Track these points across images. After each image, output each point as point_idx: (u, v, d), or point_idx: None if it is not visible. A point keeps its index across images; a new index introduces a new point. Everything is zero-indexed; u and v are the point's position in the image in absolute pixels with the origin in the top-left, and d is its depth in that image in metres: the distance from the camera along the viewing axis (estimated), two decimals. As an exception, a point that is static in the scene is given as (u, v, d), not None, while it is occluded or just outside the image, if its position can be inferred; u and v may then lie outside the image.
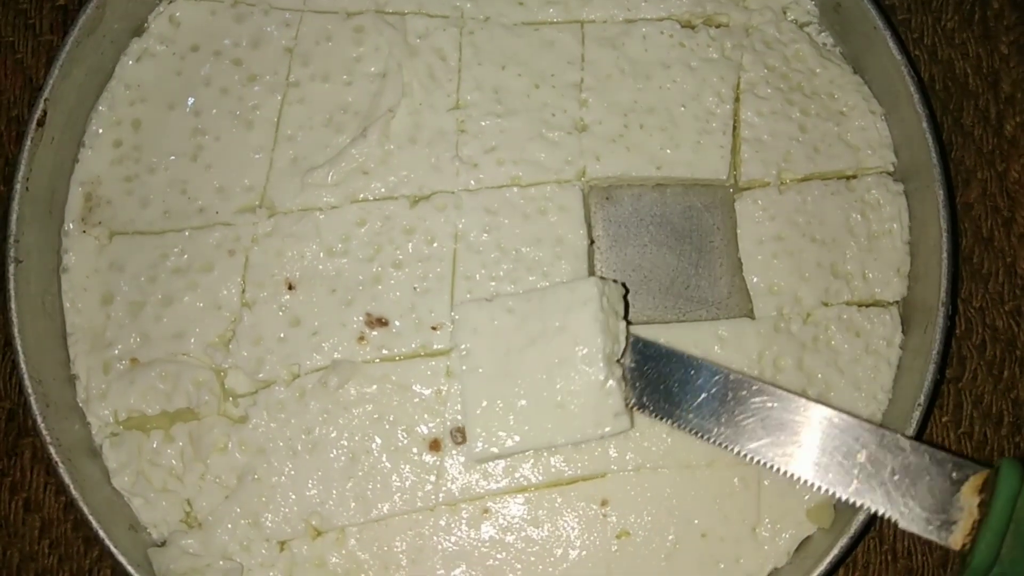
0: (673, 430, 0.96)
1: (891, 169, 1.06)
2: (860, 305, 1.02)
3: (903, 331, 1.01)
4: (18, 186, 0.97)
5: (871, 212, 1.04)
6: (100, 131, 1.06)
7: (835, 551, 0.92)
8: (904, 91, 1.02)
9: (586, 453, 0.97)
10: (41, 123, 0.98)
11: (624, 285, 1.01)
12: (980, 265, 1.12)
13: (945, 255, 0.98)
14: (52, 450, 0.93)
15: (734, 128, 1.06)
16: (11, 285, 0.96)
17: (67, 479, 0.93)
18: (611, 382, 0.93)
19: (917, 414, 0.94)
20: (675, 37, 1.07)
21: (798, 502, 0.97)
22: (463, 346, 0.95)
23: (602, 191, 1.08)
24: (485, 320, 0.95)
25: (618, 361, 0.95)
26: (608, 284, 0.97)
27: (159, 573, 0.93)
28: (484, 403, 0.94)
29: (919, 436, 0.96)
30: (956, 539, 0.86)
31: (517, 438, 0.93)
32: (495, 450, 0.94)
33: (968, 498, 0.86)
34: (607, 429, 0.93)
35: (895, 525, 1.04)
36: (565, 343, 0.94)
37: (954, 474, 0.87)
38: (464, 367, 0.95)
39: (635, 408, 0.95)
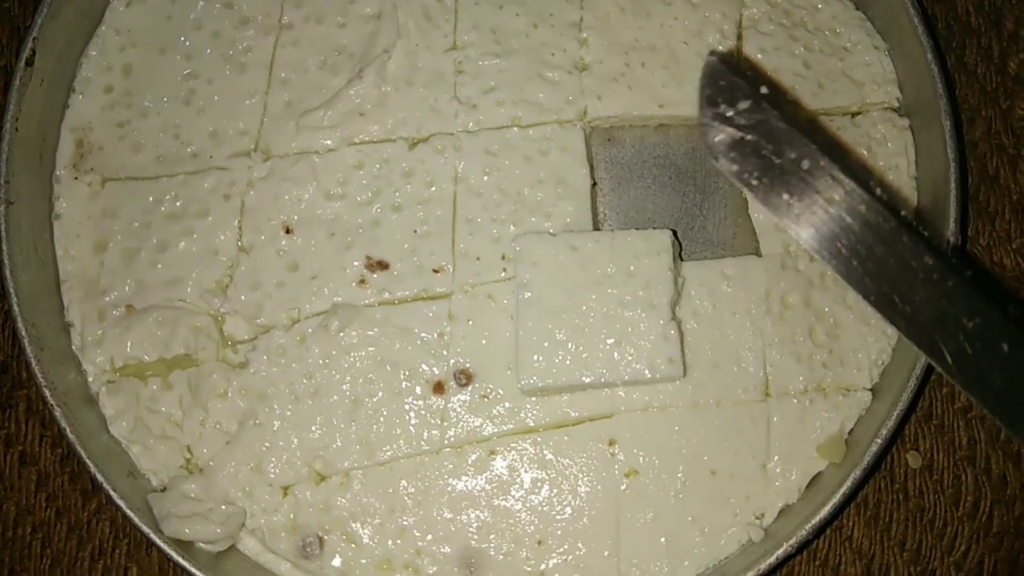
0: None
1: (896, 104, 1.05)
2: (867, 240, 1.01)
3: (911, 266, 1.00)
4: (7, 126, 0.95)
5: (877, 147, 1.03)
6: (90, 76, 1.04)
7: (847, 485, 0.91)
8: (908, 24, 1.01)
9: (593, 393, 0.96)
10: (30, 63, 0.96)
11: (676, 234, 0.99)
12: (986, 203, 1.10)
13: (953, 188, 0.96)
14: (48, 394, 0.91)
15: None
16: (2, 227, 0.94)
17: (64, 424, 0.91)
18: (672, 330, 0.93)
19: (928, 345, 0.93)
20: None
21: (808, 438, 0.96)
22: (524, 277, 0.94)
23: (604, 132, 1.07)
24: (547, 254, 0.95)
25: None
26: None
27: (159, 517, 0.91)
28: (537, 335, 0.93)
29: (930, 369, 0.95)
30: None
31: (567, 372, 0.92)
32: (546, 382, 0.92)
33: None
34: (660, 374, 0.93)
35: (906, 464, 1.04)
36: (632, 287, 0.94)
37: None
38: (522, 297, 0.94)
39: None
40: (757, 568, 0.90)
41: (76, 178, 1.01)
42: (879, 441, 0.92)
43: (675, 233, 0.98)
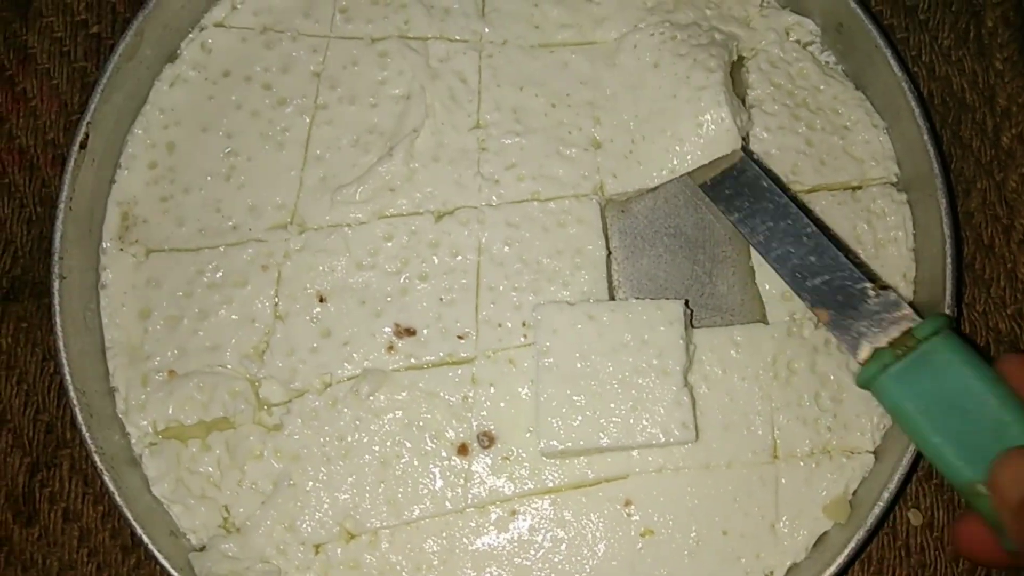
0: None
1: (894, 180, 1.11)
2: (869, 310, 1.06)
3: (910, 334, 1.05)
4: (62, 206, 1.01)
5: (877, 221, 1.09)
6: (136, 153, 1.10)
7: (852, 544, 0.96)
8: (905, 106, 1.07)
9: (609, 455, 1.01)
10: (83, 146, 1.03)
11: (687, 303, 1.05)
12: (982, 271, 1.16)
13: (949, 260, 1.02)
14: (97, 459, 0.96)
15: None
16: (56, 301, 1.00)
17: (112, 487, 0.96)
18: (685, 396, 0.98)
19: (927, 412, 0.98)
20: (666, 33, 1.09)
21: (815, 499, 1.01)
22: (544, 344, 0.99)
23: (618, 204, 1.13)
24: (566, 323, 1.00)
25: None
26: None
27: (200, 576, 0.96)
28: (556, 400, 0.98)
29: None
30: (863, 353, 0.92)
31: (585, 436, 0.97)
32: (565, 445, 0.97)
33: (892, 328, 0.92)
34: (673, 438, 0.97)
35: (907, 522, 1.09)
36: (646, 355, 0.99)
37: (895, 314, 0.93)
38: (542, 364, 0.99)
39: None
40: (767, 624, 0.94)
41: (122, 249, 1.07)
42: (881, 504, 0.96)
43: (686, 302, 1.04)
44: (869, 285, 0.95)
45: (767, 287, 1.07)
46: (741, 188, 1.03)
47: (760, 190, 1.02)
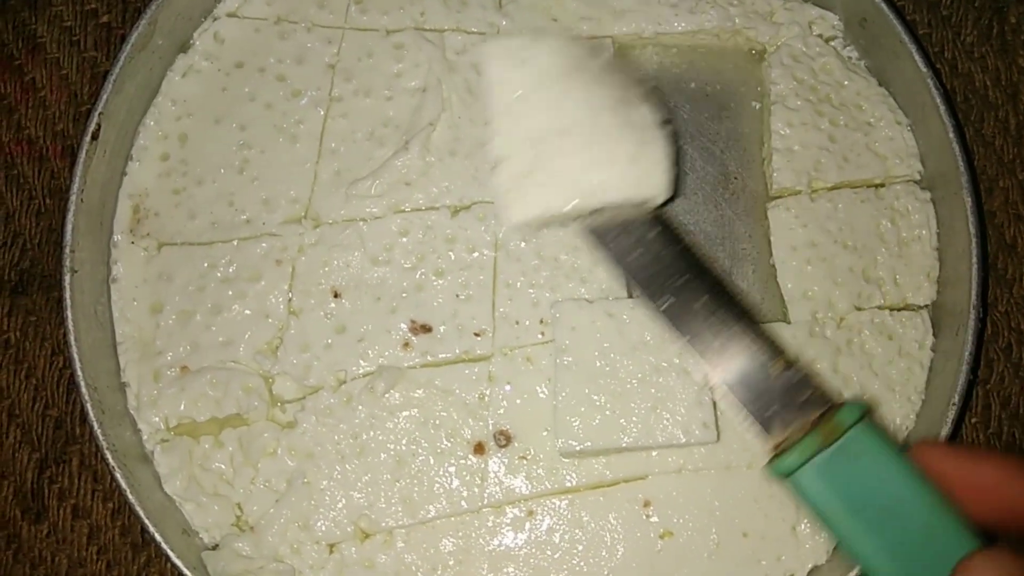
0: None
1: (918, 177, 1.09)
2: (892, 309, 1.05)
3: (934, 334, 1.04)
4: (73, 197, 1.00)
5: (900, 219, 1.07)
6: (147, 145, 1.08)
7: (875, 548, 0.94)
8: (930, 102, 1.05)
9: (628, 455, 0.99)
10: (95, 137, 1.01)
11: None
12: (1004, 270, 1.14)
13: (975, 259, 1.00)
14: (109, 455, 0.95)
15: (766, 138, 1.09)
16: (67, 295, 0.98)
17: (123, 484, 0.94)
18: (706, 396, 0.96)
19: (952, 413, 0.97)
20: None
21: (836, 501, 0.99)
22: (563, 342, 0.98)
23: (637, 200, 1.11)
24: (585, 320, 0.98)
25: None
26: None
27: (213, 575, 0.94)
28: (575, 399, 0.96)
29: (954, 433, 0.98)
30: (776, 437, 0.80)
31: (604, 435, 0.96)
32: (584, 445, 0.95)
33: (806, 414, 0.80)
34: (694, 438, 0.96)
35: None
36: (667, 353, 0.97)
37: (806, 393, 0.81)
38: (560, 362, 0.97)
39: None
40: (789, 629, 0.93)
41: (133, 243, 1.05)
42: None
43: (707, 301, 1.02)
44: (779, 360, 0.81)
45: (788, 286, 1.05)
46: (642, 244, 0.86)
47: (658, 248, 0.85)
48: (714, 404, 0.97)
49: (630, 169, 0.84)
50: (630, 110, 0.87)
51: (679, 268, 0.85)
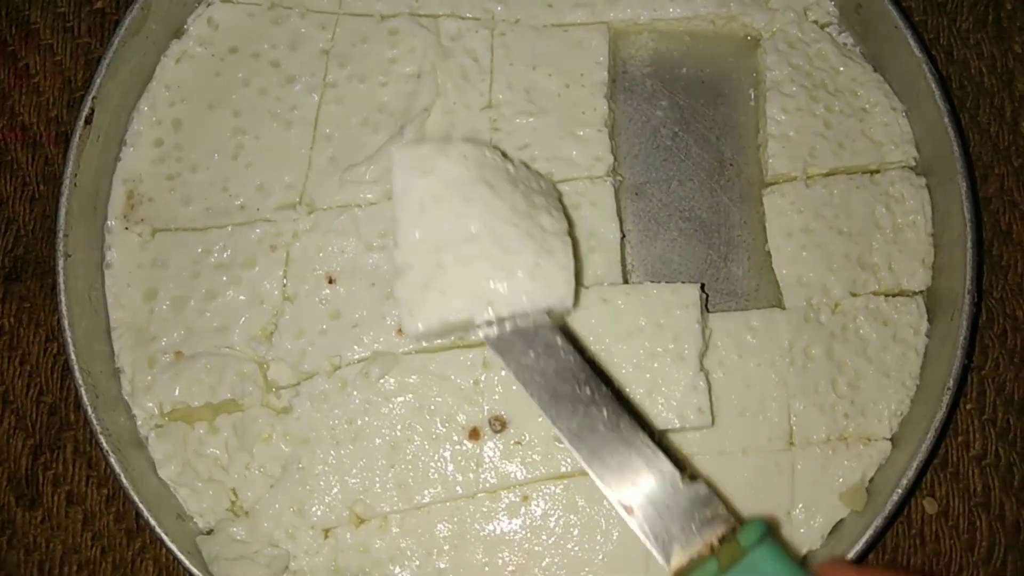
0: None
1: (913, 164, 1.09)
2: (887, 295, 1.05)
3: (928, 320, 1.04)
4: (67, 181, 0.99)
5: (895, 205, 1.07)
6: (141, 130, 1.08)
7: (869, 532, 0.94)
8: (925, 87, 1.05)
9: (623, 440, 0.99)
10: (89, 121, 1.01)
11: (703, 287, 1.03)
12: (999, 257, 1.14)
13: (970, 245, 1.00)
14: (103, 440, 0.95)
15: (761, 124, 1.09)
16: (61, 279, 0.98)
17: (118, 469, 0.94)
18: (701, 381, 0.97)
19: (946, 398, 0.97)
20: (498, 162, 0.92)
21: (831, 486, 0.99)
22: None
23: (632, 186, 1.11)
24: (579, 308, 0.98)
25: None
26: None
27: (208, 559, 0.94)
28: None
29: (948, 420, 0.98)
30: (678, 560, 0.77)
31: None
32: None
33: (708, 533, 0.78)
34: (689, 423, 0.96)
35: (922, 510, 1.08)
36: (662, 339, 0.97)
37: (708, 512, 0.78)
38: None
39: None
40: (783, 613, 0.93)
41: (127, 228, 1.05)
42: (899, 491, 0.95)
43: (702, 286, 1.02)
44: (678, 474, 0.79)
45: (783, 272, 1.05)
46: (535, 347, 0.85)
47: (553, 349, 0.84)
48: (708, 389, 0.97)
49: (531, 278, 0.85)
50: (533, 219, 0.87)
51: (579, 379, 0.83)
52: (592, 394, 0.82)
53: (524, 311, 0.84)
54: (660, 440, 0.84)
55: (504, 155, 0.91)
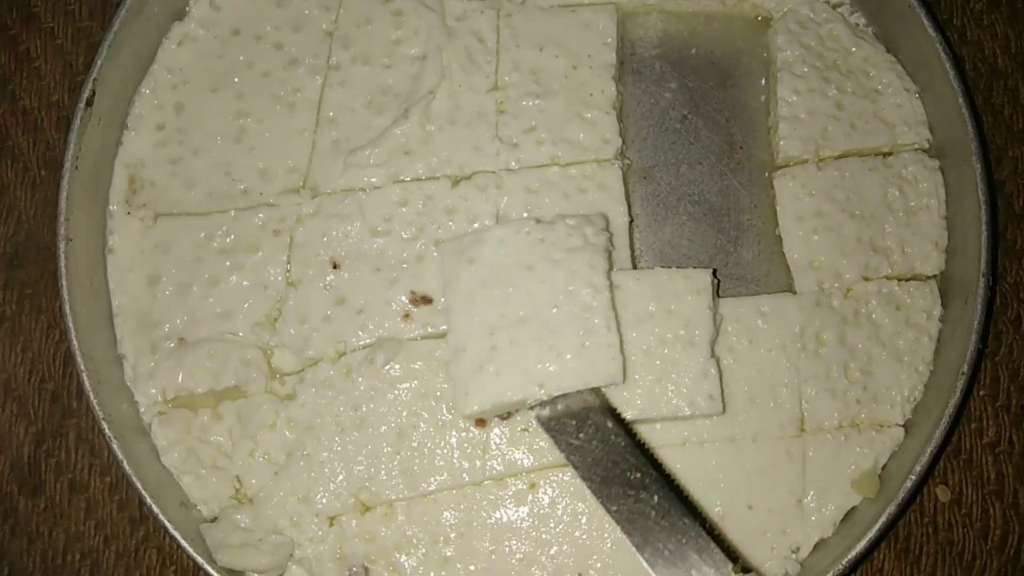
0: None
1: (926, 146, 1.07)
2: (900, 279, 1.03)
3: (942, 304, 1.02)
4: (68, 165, 0.98)
5: (908, 188, 1.05)
6: (143, 114, 1.07)
7: (882, 519, 0.93)
8: (939, 67, 1.03)
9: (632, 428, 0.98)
10: (90, 103, 0.99)
11: (715, 273, 1.01)
12: (1013, 241, 1.13)
13: (985, 227, 0.98)
14: (105, 426, 0.94)
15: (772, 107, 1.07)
16: (62, 263, 0.97)
17: (120, 455, 0.93)
18: (712, 368, 0.95)
19: (961, 383, 0.95)
20: (533, 234, 0.96)
21: (843, 473, 0.98)
22: None
23: (640, 170, 1.09)
24: None
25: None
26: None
27: (212, 547, 0.93)
28: None
29: (962, 406, 0.97)
30: None
31: None
32: None
33: None
34: (699, 410, 0.95)
35: (935, 498, 1.06)
36: (672, 325, 0.96)
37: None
38: None
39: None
40: (795, 602, 0.92)
41: (129, 213, 1.04)
42: (913, 477, 0.94)
43: (714, 271, 1.00)
44: (730, 566, 0.82)
45: (795, 256, 1.04)
46: (586, 429, 0.89)
47: (604, 432, 0.89)
48: (719, 376, 0.96)
49: (579, 359, 0.90)
50: (574, 296, 0.91)
51: (630, 463, 0.86)
52: (643, 479, 0.86)
53: (575, 389, 0.89)
54: (711, 529, 0.87)
55: (537, 220, 0.95)
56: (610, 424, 0.89)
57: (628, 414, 0.94)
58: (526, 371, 0.90)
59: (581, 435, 0.88)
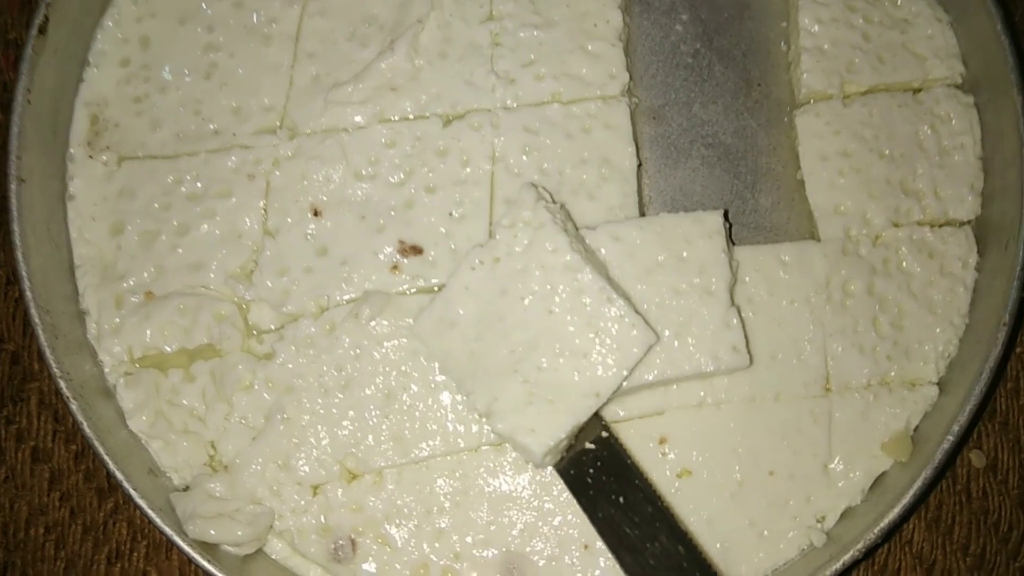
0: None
1: (959, 81, 0.99)
2: (932, 225, 0.96)
3: (978, 252, 0.95)
4: (19, 97, 0.90)
5: (941, 126, 0.97)
6: (106, 49, 0.98)
7: (917, 484, 0.85)
8: (974, -7, 0.95)
9: (645, 389, 0.90)
10: (43, 30, 0.91)
11: (727, 215, 0.93)
12: (1054, 186, 1.04)
13: (1025, 168, 0.90)
14: (63, 385, 0.86)
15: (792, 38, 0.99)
16: (14, 205, 0.88)
17: (80, 417, 0.85)
18: (734, 317, 0.88)
19: (1002, 335, 0.87)
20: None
21: (872, 436, 0.91)
22: None
23: (649, 109, 1.01)
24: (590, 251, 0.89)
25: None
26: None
27: (183, 518, 0.85)
28: None
29: (1003, 361, 0.89)
30: None
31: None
32: None
33: None
34: (724, 365, 0.87)
35: (969, 463, 0.99)
36: (686, 274, 0.88)
37: None
38: None
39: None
40: (821, 575, 0.84)
41: (91, 156, 0.96)
42: (951, 438, 0.86)
43: (726, 213, 0.92)
44: None
45: (818, 200, 0.96)
46: (605, 475, 0.86)
47: (627, 480, 0.85)
48: (743, 325, 0.88)
49: (604, 346, 0.84)
50: (561, 292, 0.85)
51: (655, 528, 0.83)
52: (665, 547, 0.84)
53: (622, 379, 0.84)
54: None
55: (481, 246, 0.88)
56: (636, 486, 0.85)
57: (648, 376, 0.86)
58: (574, 385, 0.83)
59: (600, 488, 0.85)
